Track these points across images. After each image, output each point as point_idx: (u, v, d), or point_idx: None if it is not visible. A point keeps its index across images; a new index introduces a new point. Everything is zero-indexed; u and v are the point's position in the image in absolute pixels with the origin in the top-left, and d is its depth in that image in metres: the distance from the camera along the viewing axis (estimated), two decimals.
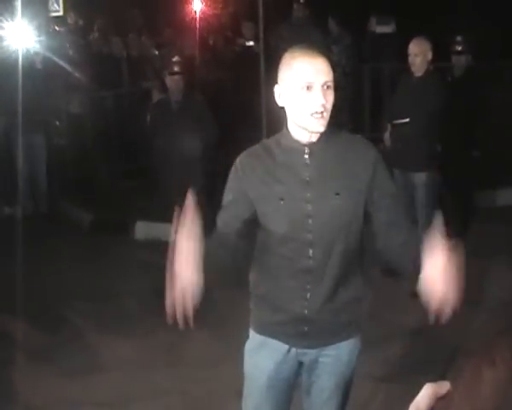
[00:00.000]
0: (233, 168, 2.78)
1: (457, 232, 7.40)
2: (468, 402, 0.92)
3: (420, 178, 5.91)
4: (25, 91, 7.73)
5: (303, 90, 2.57)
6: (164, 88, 8.07)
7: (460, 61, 7.15)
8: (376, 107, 9.64)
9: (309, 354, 2.82)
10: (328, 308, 2.72)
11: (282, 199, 2.65)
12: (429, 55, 5.84)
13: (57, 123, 9.16)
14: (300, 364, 2.88)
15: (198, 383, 4.74)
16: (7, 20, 8.94)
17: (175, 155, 6.93)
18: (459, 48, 7.47)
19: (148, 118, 6.29)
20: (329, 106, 2.59)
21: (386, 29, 10.31)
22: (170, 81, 7.07)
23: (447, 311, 2.41)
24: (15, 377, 4.93)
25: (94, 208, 8.23)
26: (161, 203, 6.73)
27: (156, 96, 9.60)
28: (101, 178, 9.17)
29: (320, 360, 2.83)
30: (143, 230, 7.68)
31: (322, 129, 2.61)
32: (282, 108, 2.69)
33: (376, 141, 9.31)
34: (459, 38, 8.09)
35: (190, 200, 2.43)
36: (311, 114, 2.58)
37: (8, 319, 5.81)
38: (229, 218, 2.74)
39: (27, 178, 8.40)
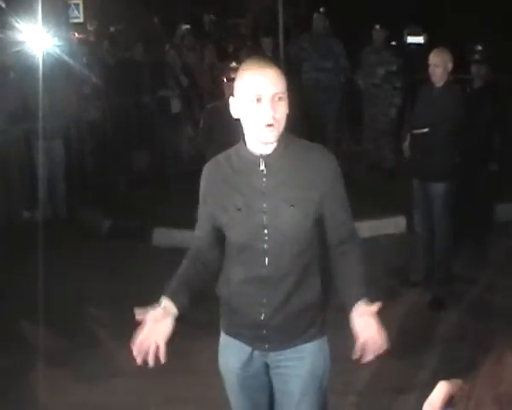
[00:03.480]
0: (200, 179, 2.89)
1: (476, 246, 7.36)
2: (491, 388, 0.92)
3: (437, 188, 5.90)
4: (45, 97, 7.78)
5: (253, 102, 2.59)
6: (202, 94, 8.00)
7: (479, 71, 7.12)
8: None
9: (271, 356, 2.87)
10: (283, 313, 2.77)
11: (239, 209, 2.72)
12: (450, 66, 5.81)
13: (77, 129, 9.20)
14: (266, 365, 2.91)
15: (212, 390, 4.72)
16: (28, 25, 9.02)
17: None
18: (478, 57, 7.44)
19: (201, 124, 6.27)
20: (280, 117, 2.61)
21: (417, 40, 10.36)
22: (228, 88, 6.83)
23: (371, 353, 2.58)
24: (33, 381, 4.95)
25: (113, 214, 8.25)
26: (181, 210, 6.70)
27: (175, 105, 9.61)
28: (120, 184, 9.19)
29: (283, 364, 2.86)
30: (162, 236, 7.69)
31: (273, 140, 2.64)
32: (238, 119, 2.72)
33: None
34: (479, 47, 8.07)
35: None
36: (262, 126, 2.61)
37: (25, 324, 5.85)
38: (200, 231, 2.90)
39: (46, 183, 8.44)
